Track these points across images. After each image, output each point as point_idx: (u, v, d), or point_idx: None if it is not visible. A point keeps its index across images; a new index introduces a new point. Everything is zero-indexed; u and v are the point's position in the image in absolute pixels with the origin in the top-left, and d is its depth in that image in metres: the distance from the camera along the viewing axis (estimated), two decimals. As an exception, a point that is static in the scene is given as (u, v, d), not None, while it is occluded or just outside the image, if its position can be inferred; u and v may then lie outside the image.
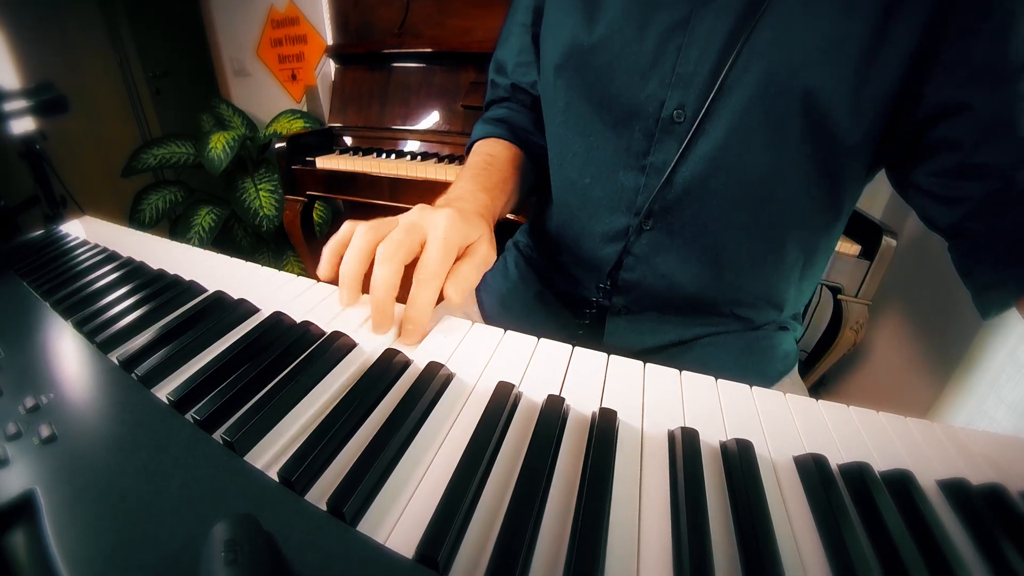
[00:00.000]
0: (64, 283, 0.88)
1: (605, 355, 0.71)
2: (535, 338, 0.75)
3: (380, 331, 0.74)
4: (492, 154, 1.22)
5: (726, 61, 0.86)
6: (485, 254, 0.84)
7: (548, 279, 1.33)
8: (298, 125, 3.87)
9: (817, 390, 2.60)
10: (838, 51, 0.81)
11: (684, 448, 0.54)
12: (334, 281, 0.80)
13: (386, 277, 0.73)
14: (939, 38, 0.79)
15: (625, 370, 0.69)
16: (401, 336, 0.76)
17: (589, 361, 0.70)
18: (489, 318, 0.85)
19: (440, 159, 2.63)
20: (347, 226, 0.82)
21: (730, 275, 1.05)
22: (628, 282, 1.10)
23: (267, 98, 4.35)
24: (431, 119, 2.84)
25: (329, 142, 3.07)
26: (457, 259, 0.81)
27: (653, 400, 0.64)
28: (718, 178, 0.95)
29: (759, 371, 1.14)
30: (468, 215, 0.85)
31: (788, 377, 1.20)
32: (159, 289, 0.84)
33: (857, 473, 0.53)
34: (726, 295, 1.09)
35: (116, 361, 0.66)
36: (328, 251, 0.81)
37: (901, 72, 0.82)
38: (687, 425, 0.58)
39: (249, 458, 0.52)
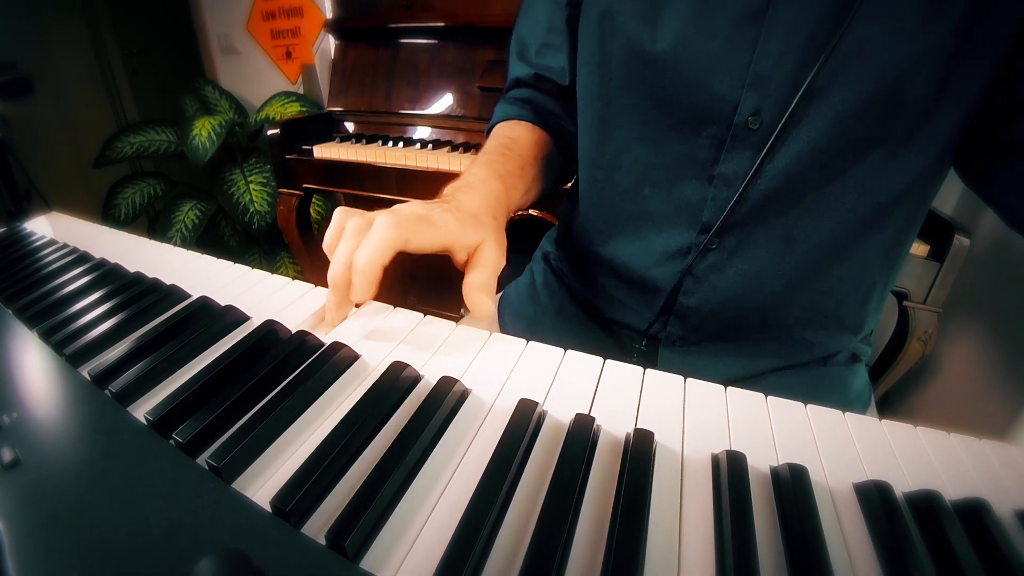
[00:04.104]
0: (29, 288, 0.89)
1: (640, 369, 0.71)
2: (561, 350, 0.74)
3: (335, 313, 0.79)
4: (512, 137, 1.19)
5: (813, 61, 0.83)
6: (492, 261, 0.84)
7: (586, 302, 1.30)
8: (293, 109, 3.87)
9: (881, 408, 2.58)
10: (931, 52, 0.80)
11: (730, 474, 0.54)
12: None
13: (348, 250, 0.76)
14: None
15: (663, 386, 0.69)
16: (353, 294, 0.76)
17: (622, 376, 0.70)
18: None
19: (454, 147, 2.63)
20: (339, 214, 0.82)
21: (805, 296, 1.03)
22: (687, 308, 1.08)
23: (258, 79, 4.35)
24: (443, 102, 2.84)
25: (328, 128, 3.08)
26: (466, 272, 0.83)
27: (695, 420, 0.63)
28: (798, 192, 0.93)
29: None
30: (468, 214, 0.86)
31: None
32: (136, 294, 0.84)
33: (925, 502, 0.52)
34: (798, 318, 1.07)
35: (87, 376, 0.66)
36: (327, 247, 0.82)
37: (990, 69, 0.81)
38: (733, 448, 0.58)
39: (238, 486, 0.53)
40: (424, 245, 0.79)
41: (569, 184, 1.36)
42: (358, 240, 0.76)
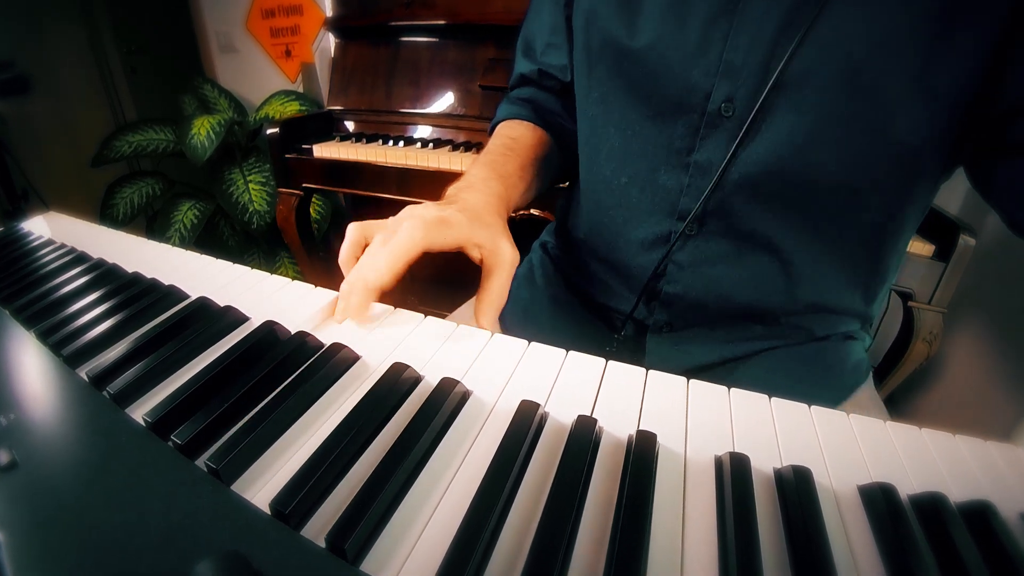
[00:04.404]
0: (26, 288, 0.89)
1: (643, 370, 0.71)
2: (563, 351, 0.74)
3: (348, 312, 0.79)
4: (513, 137, 1.22)
5: (782, 52, 0.85)
6: (509, 260, 0.87)
7: (579, 289, 1.32)
8: (293, 108, 3.86)
9: (884, 405, 2.57)
10: (908, 39, 0.81)
11: (733, 476, 0.54)
12: (328, 276, 0.83)
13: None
14: (1020, 25, 0.78)
15: (666, 387, 0.68)
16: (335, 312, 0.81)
17: (625, 377, 0.70)
18: (511, 330, 0.85)
19: (455, 146, 2.62)
20: (352, 230, 0.87)
21: (788, 285, 1.04)
22: (671, 294, 1.10)
23: (258, 77, 4.34)
24: (445, 101, 2.83)
25: (328, 127, 3.08)
26: (480, 266, 0.86)
27: (698, 421, 0.63)
28: (774, 181, 0.94)
29: (826, 385, 1.12)
30: (475, 214, 0.88)
31: (862, 390, 1.16)
32: (134, 295, 0.84)
33: (930, 504, 0.52)
34: (783, 307, 1.07)
35: (85, 377, 0.66)
36: (344, 262, 0.87)
37: (979, 61, 0.81)
38: (736, 450, 0.58)
39: (237, 488, 0.53)
40: (444, 245, 0.82)
41: (567, 182, 1.38)
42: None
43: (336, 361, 0.68)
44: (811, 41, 0.84)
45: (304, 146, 2.80)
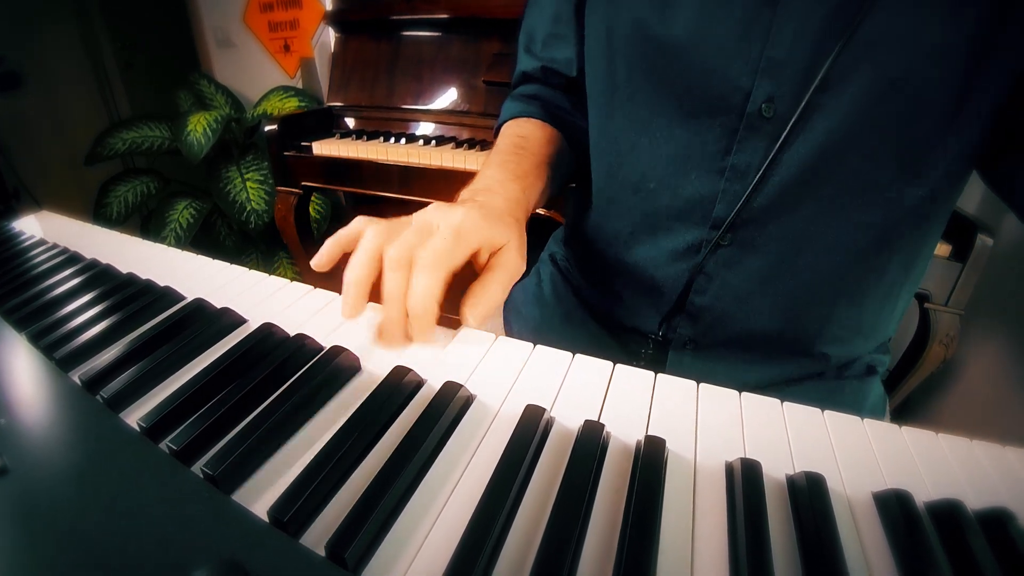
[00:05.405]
0: (17, 289, 0.89)
1: (651, 374, 0.71)
2: (569, 354, 0.74)
3: (392, 343, 0.75)
4: (524, 135, 1.19)
5: (828, 50, 0.83)
6: (513, 266, 0.83)
7: (594, 304, 1.30)
8: (292, 104, 3.86)
9: (901, 414, 2.57)
10: (954, 43, 0.80)
11: (744, 482, 0.54)
12: (328, 277, 0.80)
13: (399, 286, 0.72)
14: None
15: (675, 392, 0.68)
16: (413, 335, 0.76)
17: (633, 381, 0.70)
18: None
19: (458, 144, 2.61)
20: (359, 221, 0.81)
21: (820, 297, 1.02)
22: (698, 308, 1.07)
23: (255, 73, 4.34)
24: (448, 97, 2.82)
25: (328, 124, 3.07)
26: (480, 272, 0.82)
27: (708, 426, 0.63)
28: (814, 187, 0.92)
29: None
30: (493, 213, 0.84)
31: None
32: (129, 296, 0.84)
33: (946, 511, 0.52)
34: (814, 327, 1.06)
35: (78, 381, 0.66)
36: (331, 242, 0.80)
37: (1020, 65, 0.81)
38: (748, 456, 0.58)
39: (234, 495, 0.52)
40: (462, 262, 0.78)
41: (573, 183, 1.36)
42: (403, 275, 0.74)
43: (336, 364, 0.68)
44: (857, 39, 0.82)
45: (303, 143, 2.79)
